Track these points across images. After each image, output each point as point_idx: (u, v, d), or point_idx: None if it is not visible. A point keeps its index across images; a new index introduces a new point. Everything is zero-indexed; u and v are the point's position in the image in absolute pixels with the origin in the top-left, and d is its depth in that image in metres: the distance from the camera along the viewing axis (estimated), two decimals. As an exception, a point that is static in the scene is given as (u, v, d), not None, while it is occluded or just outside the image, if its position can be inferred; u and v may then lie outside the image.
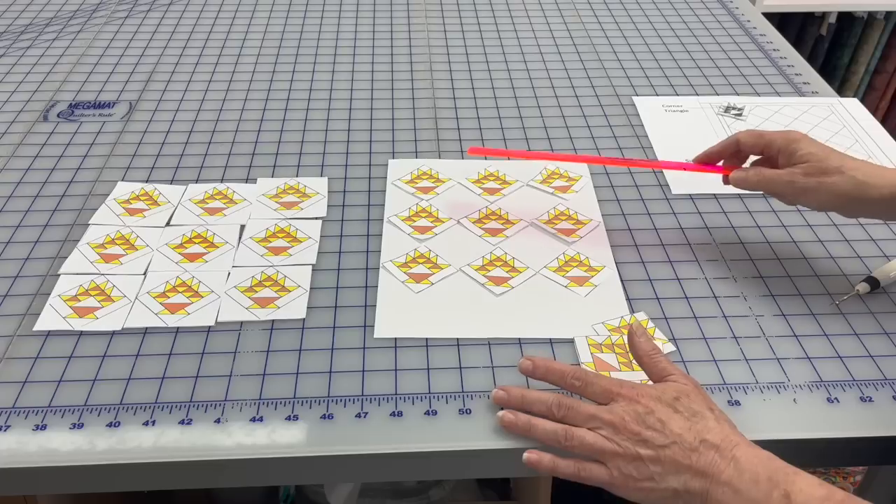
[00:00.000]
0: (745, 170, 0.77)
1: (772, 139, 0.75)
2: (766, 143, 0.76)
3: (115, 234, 0.82)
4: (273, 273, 0.77)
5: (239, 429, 0.63)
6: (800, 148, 0.73)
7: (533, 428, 0.61)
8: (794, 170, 0.73)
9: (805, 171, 0.72)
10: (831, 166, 0.71)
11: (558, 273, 0.78)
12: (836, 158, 0.72)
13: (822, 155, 0.72)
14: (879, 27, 2.12)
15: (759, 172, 0.76)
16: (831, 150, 0.73)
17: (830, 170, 0.71)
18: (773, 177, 0.74)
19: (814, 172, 0.72)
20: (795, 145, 0.73)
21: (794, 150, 0.73)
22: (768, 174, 0.75)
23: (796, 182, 0.73)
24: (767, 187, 0.75)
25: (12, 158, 0.94)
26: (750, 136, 0.77)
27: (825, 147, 0.73)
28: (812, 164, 0.72)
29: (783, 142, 0.74)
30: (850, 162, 0.72)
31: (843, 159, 0.72)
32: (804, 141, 0.73)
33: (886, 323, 0.73)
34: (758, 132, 0.77)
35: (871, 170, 0.71)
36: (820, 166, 0.72)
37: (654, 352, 0.63)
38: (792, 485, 0.51)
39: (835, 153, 0.73)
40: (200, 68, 1.13)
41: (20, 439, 0.61)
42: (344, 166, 0.93)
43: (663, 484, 0.55)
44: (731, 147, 0.78)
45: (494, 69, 1.15)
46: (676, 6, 1.35)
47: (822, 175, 0.71)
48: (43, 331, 0.71)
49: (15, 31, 1.23)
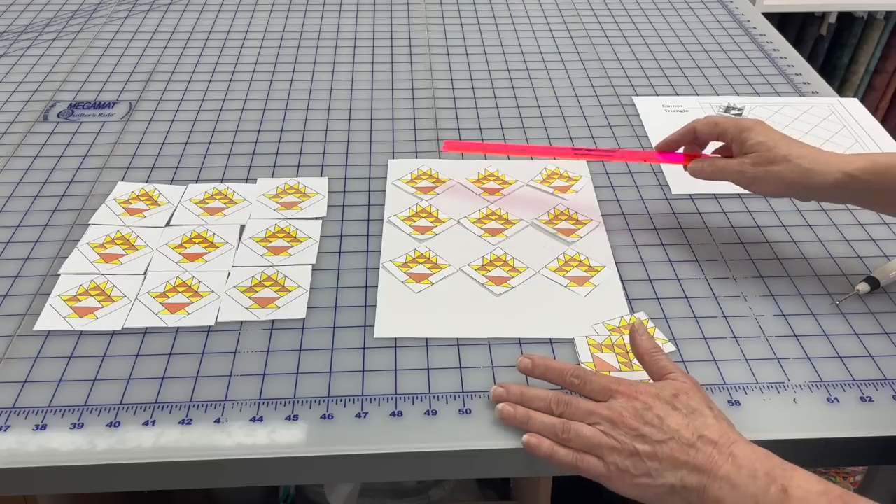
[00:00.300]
0: (701, 160, 0.79)
1: (725, 127, 0.77)
2: (720, 131, 0.77)
3: (115, 234, 0.82)
4: (273, 273, 0.77)
5: (239, 429, 0.63)
6: (750, 137, 0.74)
7: (531, 420, 0.61)
8: (743, 159, 0.75)
9: (753, 160, 0.74)
10: (778, 155, 0.72)
11: (558, 273, 0.78)
12: (783, 147, 0.73)
13: (771, 144, 0.73)
14: (879, 27, 2.12)
15: (712, 163, 0.78)
16: (781, 137, 0.74)
17: (777, 158, 0.72)
18: (724, 166, 0.77)
19: (761, 162, 0.73)
20: (746, 134, 0.75)
21: (745, 140, 0.75)
22: (720, 164, 0.77)
23: (745, 172, 0.74)
24: (721, 176, 0.77)
25: (12, 158, 0.94)
26: (706, 125, 0.78)
27: (776, 135, 0.74)
28: (760, 153, 0.73)
29: (735, 130, 0.76)
30: (797, 150, 0.73)
31: (791, 147, 0.73)
32: (755, 129, 0.74)
33: (886, 323, 0.73)
34: (714, 120, 0.78)
35: (818, 156, 0.72)
36: (767, 156, 0.73)
37: (654, 350, 0.63)
38: (789, 480, 0.51)
39: (784, 141, 0.74)
40: (200, 68, 1.13)
41: (20, 439, 0.61)
42: (344, 166, 0.93)
43: (660, 480, 0.55)
44: (688, 135, 0.80)
45: (494, 69, 1.15)
46: (676, 6, 1.35)
47: (769, 164, 0.73)
48: (43, 331, 0.71)
49: (15, 31, 1.23)
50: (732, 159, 0.76)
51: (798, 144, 0.73)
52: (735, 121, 0.76)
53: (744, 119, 0.76)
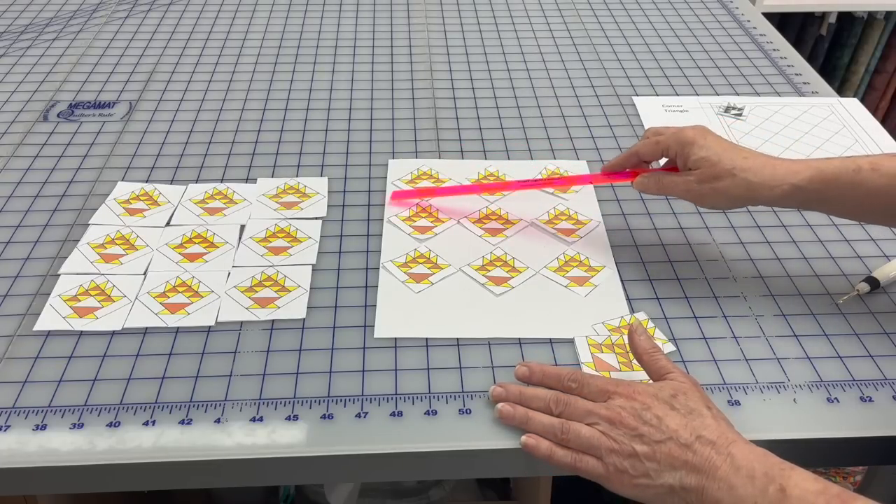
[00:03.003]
0: (647, 175, 0.76)
1: (667, 146, 0.74)
2: (662, 149, 0.74)
3: (115, 234, 0.82)
4: (273, 273, 0.77)
5: (239, 429, 0.63)
6: (692, 153, 0.71)
7: (530, 420, 0.61)
8: (688, 177, 0.72)
9: (698, 177, 0.71)
10: (723, 170, 0.69)
11: (558, 273, 0.78)
12: (727, 160, 0.70)
13: (714, 158, 0.70)
14: (879, 27, 2.12)
15: (658, 181, 0.75)
16: (725, 148, 0.71)
17: (722, 174, 0.69)
18: (670, 185, 0.74)
19: (706, 178, 0.70)
20: (688, 149, 0.72)
21: (688, 155, 0.72)
22: (666, 182, 0.74)
23: (691, 189, 0.72)
24: (668, 192, 0.75)
25: (12, 158, 0.94)
26: (647, 146, 0.76)
27: (719, 146, 0.71)
28: (703, 169, 0.70)
29: (677, 146, 0.73)
30: (741, 162, 0.69)
31: (736, 159, 0.70)
32: (696, 143, 0.71)
33: (886, 323, 0.73)
34: (654, 139, 0.75)
35: (764, 168, 0.69)
36: (711, 171, 0.70)
37: (653, 350, 0.63)
38: (787, 479, 0.51)
39: (728, 152, 0.70)
40: (200, 68, 1.13)
41: (20, 439, 0.61)
42: (344, 166, 0.93)
43: (659, 480, 0.55)
44: (632, 158, 0.77)
45: (494, 69, 1.15)
46: (676, 6, 1.35)
47: (713, 180, 0.70)
48: (43, 331, 0.71)
49: (15, 31, 1.23)
50: (678, 176, 0.73)
51: (743, 155, 0.70)
52: (676, 134, 0.73)
53: (685, 130, 0.73)
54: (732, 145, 0.72)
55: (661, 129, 0.77)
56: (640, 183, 0.76)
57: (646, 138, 0.77)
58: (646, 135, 0.78)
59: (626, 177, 0.79)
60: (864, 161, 0.68)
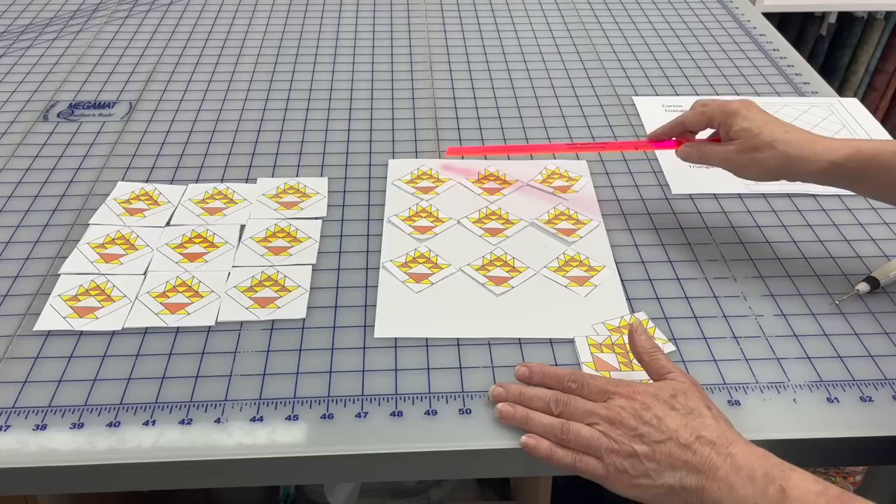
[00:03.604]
0: (690, 145, 0.79)
1: (711, 115, 0.76)
2: (707, 119, 0.77)
3: (115, 234, 0.82)
4: (273, 273, 0.77)
5: (239, 429, 0.63)
6: (735, 123, 0.73)
7: (530, 420, 0.61)
8: (728, 147, 0.74)
9: (738, 147, 0.73)
10: (763, 142, 0.72)
11: (558, 273, 0.78)
12: (769, 132, 0.72)
13: (756, 130, 0.72)
14: (879, 27, 2.12)
15: (699, 148, 0.77)
16: (768, 121, 0.73)
17: (762, 145, 0.72)
18: (710, 152, 0.76)
19: (746, 149, 0.73)
20: (731, 119, 0.74)
21: (730, 125, 0.74)
22: (706, 150, 0.77)
23: (731, 159, 0.74)
24: (708, 161, 0.77)
25: (12, 158, 0.94)
26: (693, 116, 0.78)
27: (762, 118, 0.73)
28: (744, 140, 0.73)
29: (721, 116, 0.75)
30: (782, 135, 0.71)
31: (777, 132, 0.72)
32: (740, 115, 0.73)
33: (886, 323, 0.73)
34: (700, 109, 0.78)
35: (804, 143, 0.71)
36: (752, 142, 0.72)
37: (653, 350, 0.63)
38: (787, 480, 0.51)
39: (770, 125, 0.72)
40: (200, 68, 1.13)
41: (20, 439, 0.61)
42: (344, 166, 0.93)
43: (659, 480, 0.55)
44: (678, 128, 0.80)
45: (494, 69, 1.15)
46: (676, 6, 1.35)
47: (753, 151, 0.72)
48: (43, 331, 0.71)
49: (15, 31, 1.23)
50: (719, 146, 0.76)
51: (784, 129, 0.72)
52: (722, 106, 0.76)
53: (730, 102, 0.75)
54: (776, 119, 0.74)
55: (708, 101, 0.79)
56: (683, 152, 0.79)
57: (693, 109, 0.79)
58: (693, 106, 0.80)
59: (671, 145, 0.82)
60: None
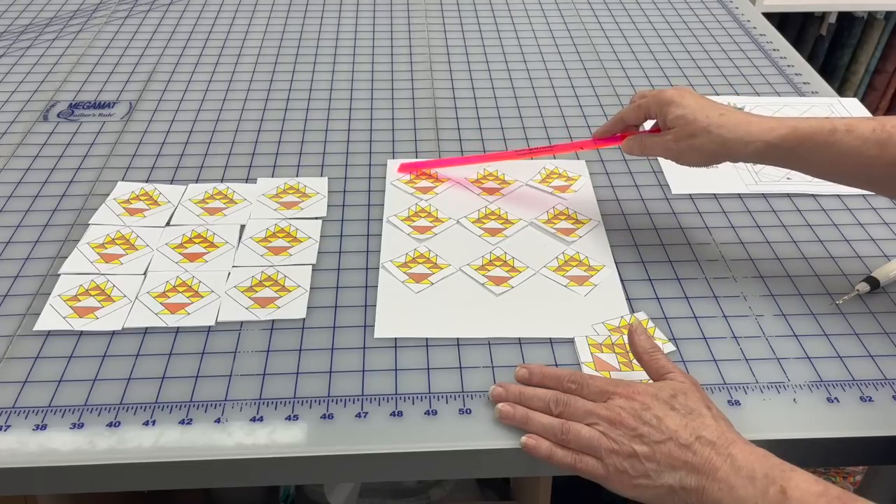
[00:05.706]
0: (631, 139, 0.79)
1: (648, 107, 0.76)
2: (644, 111, 0.77)
3: (115, 234, 0.82)
4: (273, 273, 0.77)
5: (239, 429, 0.63)
6: (670, 112, 0.74)
7: (530, 421, 0.61)
8: (666, 136, 0.74)
9: (675, 135, 0.73)
10: (699, 127, 0.72)
11: (558, 273, 0.78)
12: (703, 117, 0.72)
13: (690, 116, 0.72)
14: (879, 27, 2.13)
15: (640, 141, 0.78)
16: (703, 106, 0.73)
17: (698, 131, 0.72)
18: (651, 144, 0.77)
19: (682, 136, 0.73)
20: (667, 108, 0.74)
21: (666, 114, 0.74)
22: (647, 142, 0.77)
23: (670, 148, 0.74)
24: (650, 153, 0.78)
25: (12, 158, 0.94)
26: (632, 110, 0.78)
27: (696, 104, 0.73)
28: (680, 127, 0.73)
29: (657, 106, 0.75)
30: (717, 119, 0.71)
31: (712, 116, 0.71)
32: (674, 103, 0.73)
33: (886, 323, 0.73)
34: (638, 102, 0.78)
35: (740, 126, 0.71)
36: (688, 129, 0.72)
37: (653, 350, 0.63)
38: (788, 481, 0.51)
39: (705, 110, 0.72)
40: (200, 68, 1.14)
41: (20, 439, 0.61)
42: (344, 166, 0.93)
43: (659, 481, 0.55)
44: (618, 125, 0.80)
45: (494, 69, 1.15)
46: (676, 6, 1.35)
47: (690, 138, 0.72)
48: (43, 331, 0.71)
49: (15, 31, 1.23)
50: (658, 136, 0.76)
51: (719, 111, 0.72)
52: (657, 95, 0.75)
53: (665, 91, 0.75)
54: (711, 103, 0.73)
55: (646, 91, 0.79)
56: (626, 145, 0.79)
57: (631, 102, 0.79)
58: (632, 99, 0.80)
59: (615, 141, 0.82)
60: (840, 122, 0.69)
